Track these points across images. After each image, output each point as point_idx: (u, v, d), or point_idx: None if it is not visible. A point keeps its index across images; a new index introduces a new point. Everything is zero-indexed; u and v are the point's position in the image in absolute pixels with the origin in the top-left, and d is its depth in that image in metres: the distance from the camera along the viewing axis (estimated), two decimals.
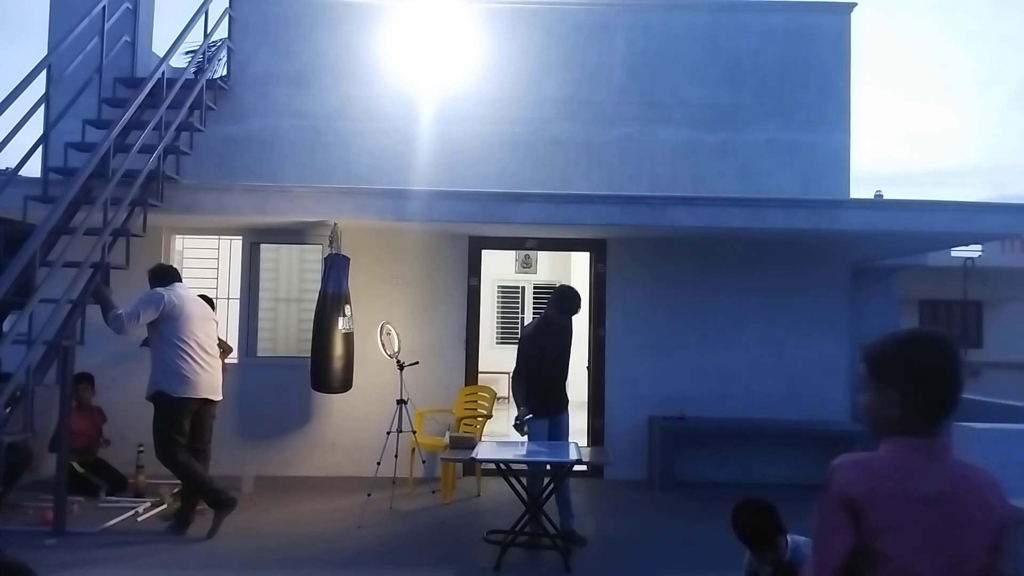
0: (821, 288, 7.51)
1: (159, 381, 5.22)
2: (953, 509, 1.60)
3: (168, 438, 5.15)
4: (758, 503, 3.22)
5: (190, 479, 5.22)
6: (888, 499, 1.59)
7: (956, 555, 1.59)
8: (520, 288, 13.38)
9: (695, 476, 7.06)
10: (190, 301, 5.41)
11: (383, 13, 7.68)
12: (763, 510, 3.19)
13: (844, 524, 1.60)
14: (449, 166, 7.43)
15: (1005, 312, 16.44)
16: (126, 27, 6.90)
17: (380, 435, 6.24)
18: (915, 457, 1.63)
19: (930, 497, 1.60)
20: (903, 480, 1.61)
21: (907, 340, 1.70)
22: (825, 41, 7.78)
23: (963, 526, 1.60)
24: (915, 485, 1.61)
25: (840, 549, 1.60)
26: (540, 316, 5.77)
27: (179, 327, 5.24)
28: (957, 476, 1.63)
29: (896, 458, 1.64)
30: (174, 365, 5.19)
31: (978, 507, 1.61)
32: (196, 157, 6.88)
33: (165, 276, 5.51)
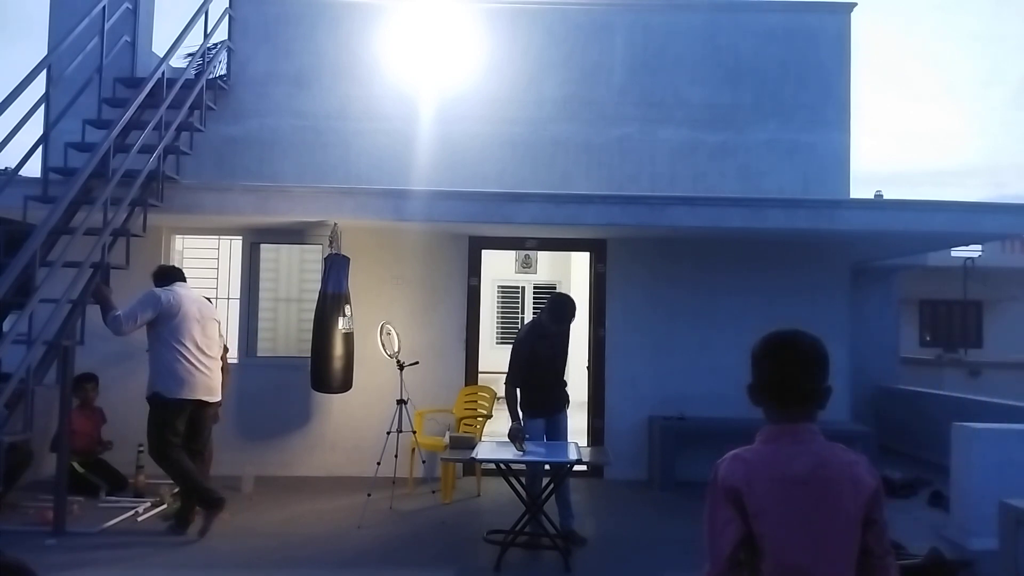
0: (821, 288, 7.51)
1: (155, 382, 5.21)
2: (821, 486, 1.75)
3: (161, 438, 5.14)
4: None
5: (181, 478, 5.20)
6: (762, 483, 1.75)
7: (827, 529, 1.73)
8: (520, 288, 13.38)
9: (695, 476, 7.01)
10: (188, 301, 5.35)
11: (383, 13, 7.68)
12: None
13: (731, 515, 1.74)
14: (449, 166, 7.43)
15: (1005, 312, 16.45)
16: (126, 27, 6.90)
17: (380, 435, 6.24)
18: (782, 443, 1.81)
19: (799, 478, 1.75)
20: (773, 465, 1.78)
21: (765, 343, 1.95)
22: (825, 41, 7.78)
23: (832, 501, 1.74)
24: (784, 468, 1.77)
25: (731, 536, 1.73)
26: (534, 319, 5.76)
27: (175, 328, 5.21)
28: (824, 456, 1.79)
29: (766, 446, 1.83)
30: (169, 366, 5.18)
31: (849, 482, 1.76)
32: (196, 157, 6.88)
33: (167, 276, 5.51)
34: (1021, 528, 4.15)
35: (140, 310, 5.16)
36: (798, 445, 1.81)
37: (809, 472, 1.76)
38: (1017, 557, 4.17)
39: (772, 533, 1.73)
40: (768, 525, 1.73)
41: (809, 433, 1.83)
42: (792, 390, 1.86)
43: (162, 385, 5.18)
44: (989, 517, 4.63)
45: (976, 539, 5.19)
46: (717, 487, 1.81)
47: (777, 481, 1.76)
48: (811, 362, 1.89)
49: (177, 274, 5.58)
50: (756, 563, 1.75)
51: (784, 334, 1.95)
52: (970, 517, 5.34)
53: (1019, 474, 5.13)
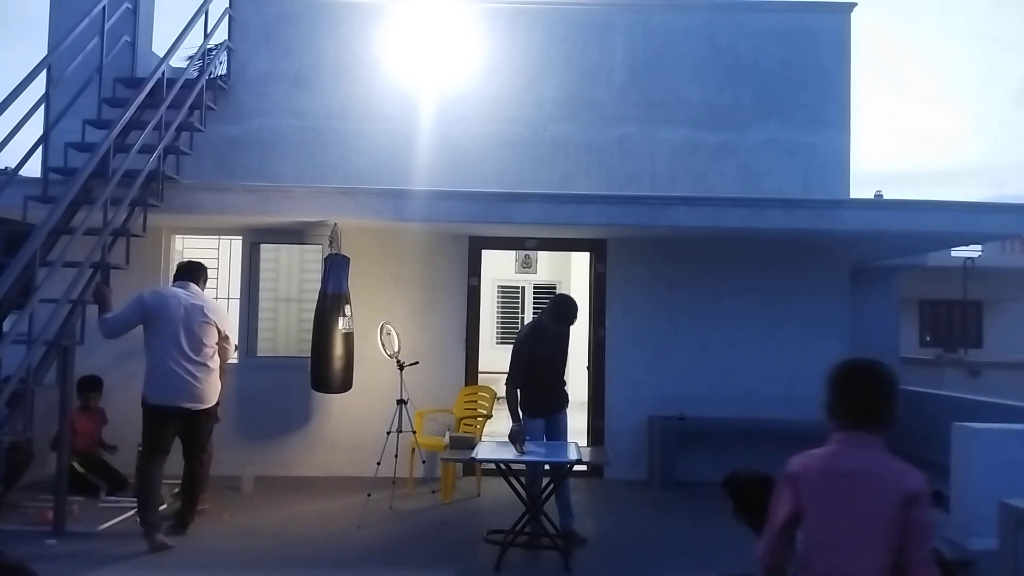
0: (821, 288, 7.51)
1: (144, 386, 5.12)
2: (860, 481, 2.15)
3: (144, 444, 5.08)
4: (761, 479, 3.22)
5: (138, 488, 5.06)
6: (814, 473, 2.21)
7: (858, 518, 2.13)
8: (520, 288, 13.38)
9: (695, 476, 7.05)
10: (174, 303, 5.11)
11: (383, 13, 7.68)
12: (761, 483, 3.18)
13: (788, 496, 2.24)
14: (449, 166, 7.43)
15: (1005, 312, 16.45)
16: (126, 27, 6.90)
17: (380, 435, 6.24)
18: (843, 446, 2.23)
19: (842, 472, 2.18)
20: (828, 460, 2.22)
21: (838, 365, 2.35)
22: (825, 41, 7.78)
23: (866, 495, 2.13)
24: (835, 464, 2.20)
25: (783, 512, 2.25)
26: (535, 319, 5.75)
27: (157, 331, 5.05)
28: (872, 459, 2.19)
29: (830, 448, 2.25)
30: (151, 370, 5.06)
31: (889, 483, 2.13)
32: (196, 157, 6.88)
33: (177, 273, 5.47)
34: (1021, 528, 4.15)
35: (128, 314, 5.08)
36: (854, 449, 2.22)
37: (853, 469, 2.17)
38: (1017, 557, 4.17)
39: (812, 513, 2.19)
40: (811, 505, 2.19)
41: (867, 441, 2.22)
42: (863, 410, 2.26)
43: (146, 390, 5.09)
44: (989, 517, 4.63)
45: (976, 539, 5.19)
46: (783, 474, 2.29)
47: (825, 473, 2.20)
48: (887, 390, 2.29)
49: (187, 272, 5.41)
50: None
51: (863, 363, 2.34)
52: (970, 517, 5.34)
53: (1019, 474, 5.13)
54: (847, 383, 2.30)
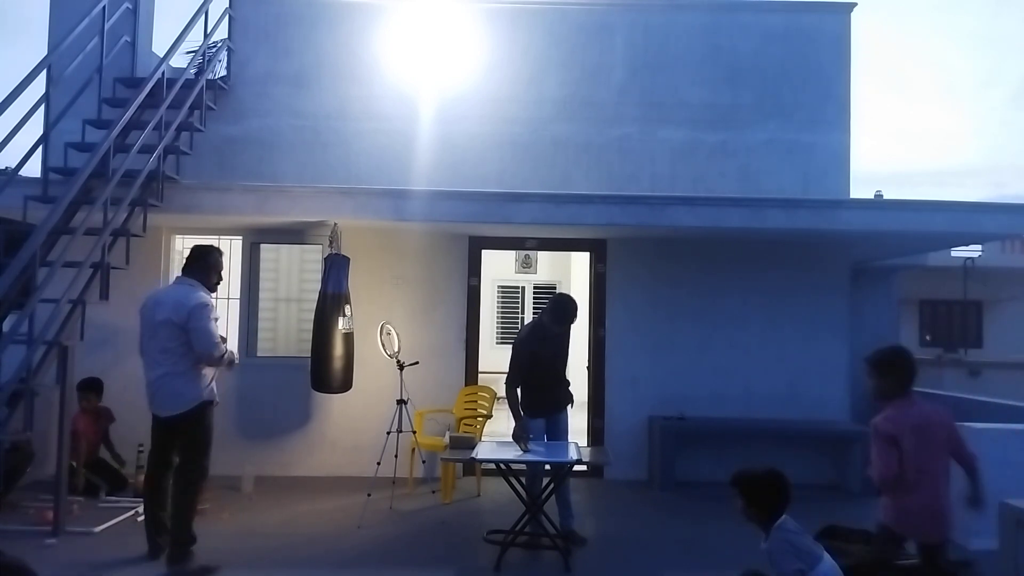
0: (821, 288, 7.51)
1: None
2: (929, 426, 3.51)
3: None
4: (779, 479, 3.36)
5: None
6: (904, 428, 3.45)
7: (937, 447, 3.51)
8: (520, 288, 13.39)
9: (695, 476, 7.05)
10: (149, 303, 4.72)
11: (383, 13, 7.68)
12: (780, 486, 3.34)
13: (888, 447, 3.45)
14: (449, 166, 7.43)
15: (1005, 312, 16.45)
16: (126, 27, 6.90)
17: (380, 435, 6.24)
18: (906, 405, 3.54)
19: (923, 422, 3.50)
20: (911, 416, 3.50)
21: (890, 351, 3.68)
22: (825, 41, 7.78)
23: (936, 431, 3.53)
24: (917, 418, 3.50)
25: (891, 459, 3.43)
26: (535, 319, 5.75)
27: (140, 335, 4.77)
28: (927, 411, 3.56)
29: (900, 410, 3.51)
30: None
31: (946, 419, 3.61)
32: (196, 157, 6.88)
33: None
34: (1021, 528, 4.15)
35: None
36: (914, 407, 3.54)
37: (926, 418, 3.51)
38: (1017, 557, 4.17)
39: (911, 452, 3.41)
40: (909, 448, 3.42)
41: (917, 400, 3.58)
42: (913, 380, 3.61)
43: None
44: (989, 517, 4.63)
45: (976, 539, 5.19)
46: (880, 432, 3.49)
47: (909, 425, 3.46)
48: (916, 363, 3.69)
49: (186, 263, 4.87)
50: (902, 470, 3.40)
51: (904, 348, 3.79)
52: (970, 517, 5.33)
53: (1019, 474, 5.13)
54: (905, 363, 3.60)
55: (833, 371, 7.44)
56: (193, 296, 4.62)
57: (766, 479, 3.32)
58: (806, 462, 7.14)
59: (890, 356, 3.61)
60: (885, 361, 3.59)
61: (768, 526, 3.25)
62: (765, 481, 3.31)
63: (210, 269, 4.84)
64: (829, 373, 7.42)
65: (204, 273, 4.81)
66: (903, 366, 3.57)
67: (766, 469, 3.36)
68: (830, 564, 3.16)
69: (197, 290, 4.70)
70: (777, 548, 3.16)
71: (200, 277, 4.78)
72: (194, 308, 4.55)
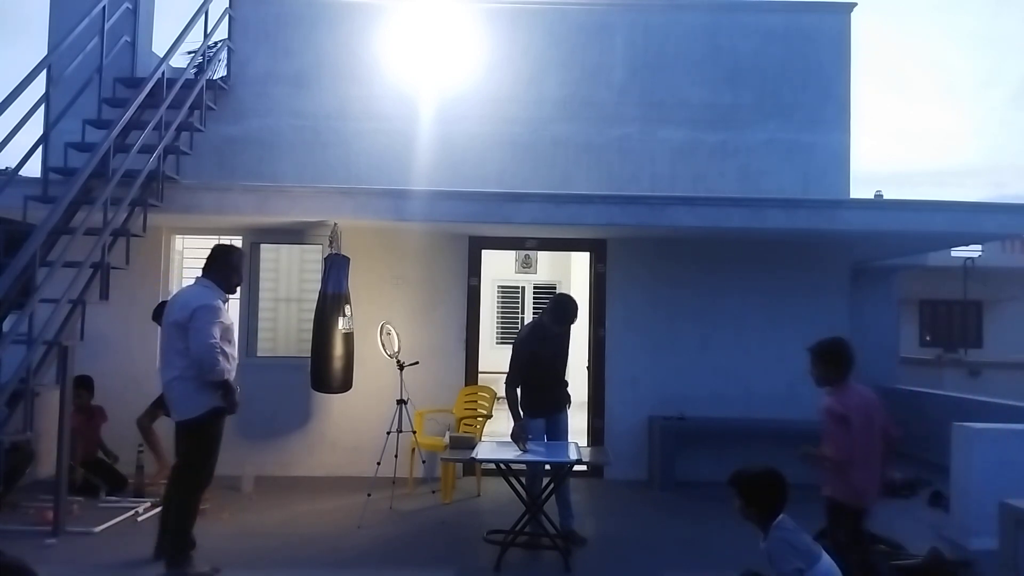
0: (821, 288, 7.50)
1: None
2: (870, 407, 3.88)
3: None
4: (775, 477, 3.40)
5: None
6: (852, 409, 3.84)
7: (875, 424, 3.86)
8: (520, 288, 13.38)
9: (695, 476, 7.05)
10: (169, 303, 4.75)
11: (383, 13, 7.68)
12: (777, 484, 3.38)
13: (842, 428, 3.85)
14: (449, 166, 7.43)
15: (1005, 312, 16.45)
16: (126, 27, 6.90)
17: (380, 435, 6.24)
18: (848, 389, 3.94)
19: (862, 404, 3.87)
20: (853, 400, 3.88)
21: (835, 340, 4.10)
22: (825, 41, 7.77)
23: (875, 412, 3.88)
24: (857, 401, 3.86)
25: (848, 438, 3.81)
26: (535, 320, 5.75)
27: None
28: (866, 394, 3.93)
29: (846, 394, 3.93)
30: None
31: (878, 406, 3.92)
32: (196, 157, 6.88)
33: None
34: (1021, 528, 4.15)
35: None
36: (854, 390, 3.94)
37: (867, 401, 3.89)
38: (1017, 557, 4.17)
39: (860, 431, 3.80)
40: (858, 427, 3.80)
41: (854, 384, 3.99)
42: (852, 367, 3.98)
43: None
44: (989, 517, 4.63)
45: (976, 539, 5.19)
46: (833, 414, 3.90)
47: (859, 407, 3.85)
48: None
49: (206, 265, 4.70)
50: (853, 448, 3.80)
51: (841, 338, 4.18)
52: (970, 517, 5.34)
53: (1019, 474, 5.13)
54: (846, 352, 3.99)
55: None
56: (201, 297, 4.48)
57: (764, 478, 3.33)
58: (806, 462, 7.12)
59: (832, 346, 4.02)
60: (828, 351, 4.02)
61: (766, 526, 3.26)
62: (763, 480, 3.33)
63: (229, 270, 4.66)
64: None
65: (222, 274, 4.64)
66: (844, 355, 3.98)
67: (764, 468, 3.37)
68: (828, 563, 3.16)
69: (209, 291, 4.54)
70: (776, 547, 3.18)
71: (218, 278, 4.62)
72: (197, 309, 4.40)
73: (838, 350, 4.01)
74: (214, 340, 4.36)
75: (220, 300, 4.56)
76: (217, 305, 4.50)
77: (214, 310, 4.46)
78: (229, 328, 4.59)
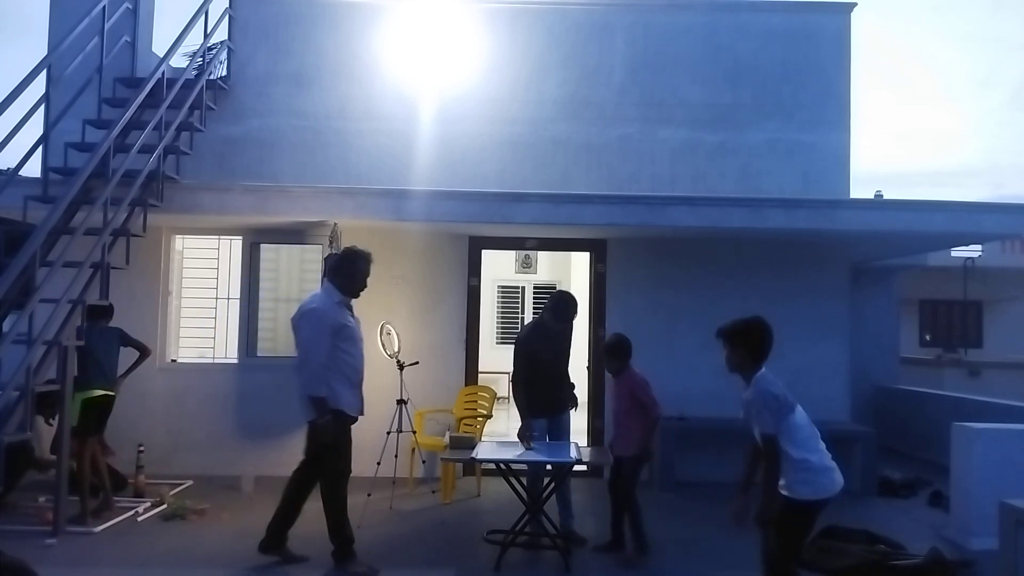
0: (821, 288, 7.50)
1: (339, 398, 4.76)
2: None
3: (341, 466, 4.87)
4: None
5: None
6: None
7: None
8: (520, 288, 13.37)
9: (695, 476, 7.05)
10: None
11: (383, 13, 7.68)
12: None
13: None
14: (449, 166, 7.43)
15: (1005, 312, 16.45)
16: (126, 27, 6.90)
17: (380, 435, 6.23)
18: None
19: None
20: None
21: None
22: (825, 41, 7.78)
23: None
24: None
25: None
26: (536, 319, 5.75)
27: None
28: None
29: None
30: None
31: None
32: (196, 157, 6.88)
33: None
34: (1021, 528, 4.15)
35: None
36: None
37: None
38: (1017, 557, 4.16)
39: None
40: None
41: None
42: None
43: (343, 402, 4.76)
44: (989, 517, 4.63)
45: (976, 539, 5.19)
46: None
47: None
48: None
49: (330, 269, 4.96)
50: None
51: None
52: (970, 517, 5.34)
53: (1019, 474, 5.13)
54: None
55: (833, 371, 7.43)
56: (312, 300, 4.64)
57: (751, 322, 3.68)
58: None
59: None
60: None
61: (750, 376, 3.58)
62: (750, 325, 3.67)
63: (350, 277, 4.74)
64: (829, 373, 7.41)
65: (344, 279, 4.73)
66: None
67: (751, 316, 3.72)
68: (801, 414, 3.57)
69: (323, 295, 4.66)
70: (757, 400, 3.49)
71: (340, 282, 4.72)
72: (304, 312, 4.56)
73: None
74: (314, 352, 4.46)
75: (335, 304, 4.62)
76: (323, 309, 4.55)
77: (318, 313, 4.53)
78: (344, 328, 4.62)
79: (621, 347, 5.15)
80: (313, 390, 4.49)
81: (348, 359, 4.65)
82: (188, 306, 7.50)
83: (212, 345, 7.46)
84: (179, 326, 7.52)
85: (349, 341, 4.66)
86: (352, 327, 4.70)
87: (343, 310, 4.68)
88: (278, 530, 4.79)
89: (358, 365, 4.74)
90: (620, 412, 5.24)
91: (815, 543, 4.89)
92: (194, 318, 7.45)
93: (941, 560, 4.74)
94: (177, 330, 7.51)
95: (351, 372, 4.70)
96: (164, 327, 7.29)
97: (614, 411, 5.34)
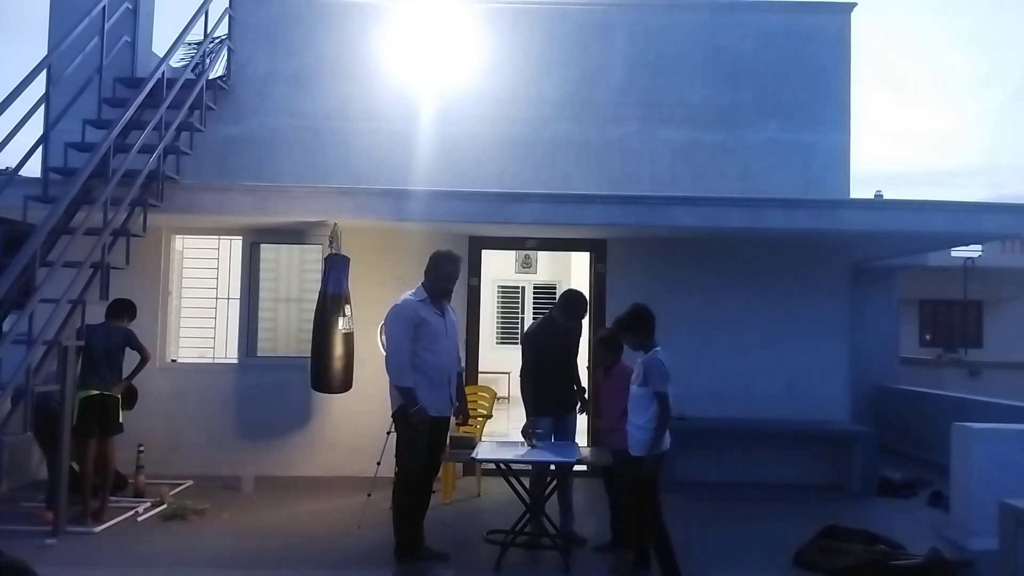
0: (821, 288, 7.50)
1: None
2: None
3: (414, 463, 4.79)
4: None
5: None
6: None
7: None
8: (520, 288, 13.38)
9: (695, 476, 7.05)
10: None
11: (383, 13, 7.68)
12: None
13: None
14: (449, 166, 7.43)
15: (1005, 312, 16.45)
16: (126, 27, 6.90)
17: (380, 435, 6.22)
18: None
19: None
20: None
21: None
22: (825, 41, 7.78)
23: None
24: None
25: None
26: (544, 316, 5.77)
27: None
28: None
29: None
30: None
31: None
32: (196, 157, 6.88)
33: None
34: (1021, 528, 4.15)
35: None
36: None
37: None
38: (1017, 557, 4.16)
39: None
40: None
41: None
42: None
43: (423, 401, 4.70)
44: (989, 517, 4.63)
45: (976, 539, 5.19)
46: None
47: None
48: None
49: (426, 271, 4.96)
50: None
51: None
52: (970, 517, 5.34)
53: (1019, 474, 5.13)
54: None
55: (833, 371, 7.43)
56: (399, 300, 4.82)
57: (632, 310, 4.58)
58: (806, 462, 7.13)
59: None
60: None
61: (650, 350, 4.47)
62: (633, 312, 4.57)
63: (436, 277, 4.87)
64: (829, 373, 7.41)
65: (430, 280, 4.88)
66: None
67: (631, 305, 4.63)
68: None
69: (411, 294, 4.82)
70: (652, 364, 4.40)
71: (428, 283, 4.87)
72: (389, 313, 4.85)
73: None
74: (396, 347, 4.67)
75: (418, 301, 4.75)
76: (405, 306, 4.73)
77: (399, 310, 4.74)
78: (424, 324, 4.71)
79: (615, 339, 5.07)
80: (399, 380, 4.67)
81: (428, 356, 4.72)
82: (188, 306, 7.50)
83: (212, 345, 7.46)
84: (179, 326, 7.52)
85: (430, 338, 4.73)
86: (433, 324, 4.77)
87: (427, 307, 4.77)
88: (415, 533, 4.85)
89: (440, 363, 4.79)
90: (617, 408, 4.88)
91: (815, 543, 4.90)
92: (194, 318, 7.46)
93: (941, 560, 4.74)
94: (177, 330, 7.51)
95: (429, 370, 4.74)
96: (164, 327, 7.29)
97: (613, 410, 5.00)
